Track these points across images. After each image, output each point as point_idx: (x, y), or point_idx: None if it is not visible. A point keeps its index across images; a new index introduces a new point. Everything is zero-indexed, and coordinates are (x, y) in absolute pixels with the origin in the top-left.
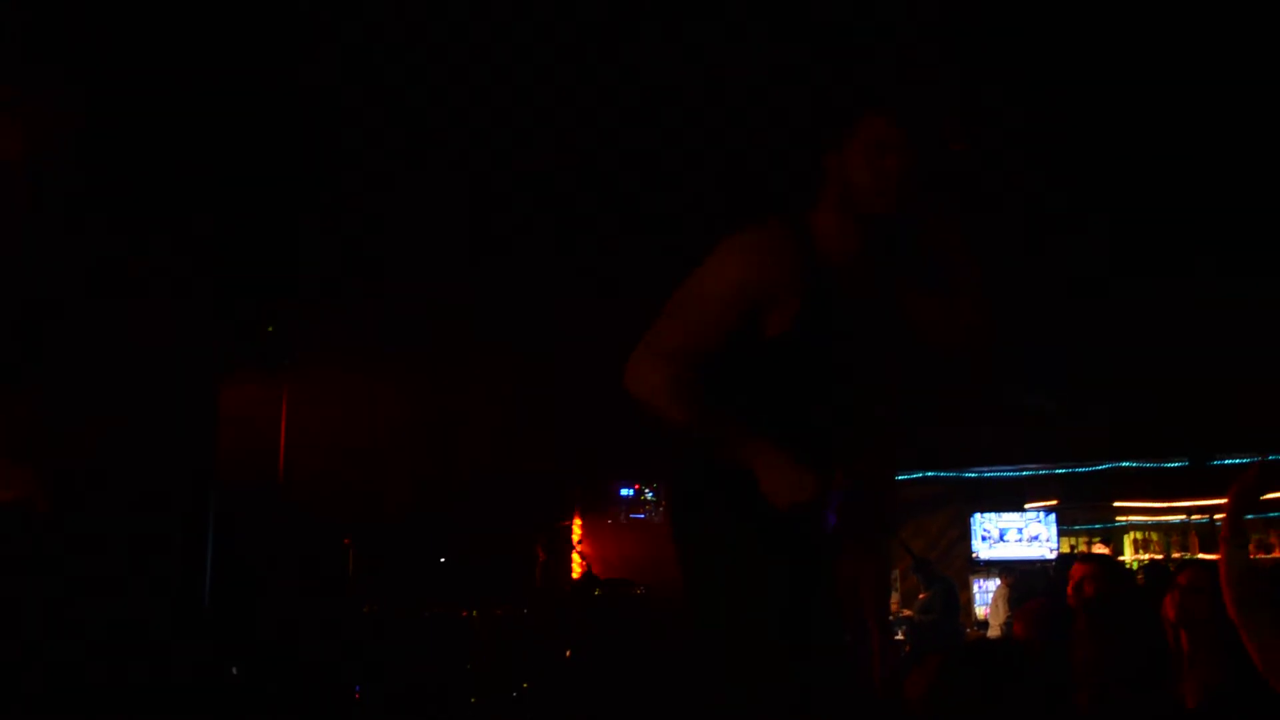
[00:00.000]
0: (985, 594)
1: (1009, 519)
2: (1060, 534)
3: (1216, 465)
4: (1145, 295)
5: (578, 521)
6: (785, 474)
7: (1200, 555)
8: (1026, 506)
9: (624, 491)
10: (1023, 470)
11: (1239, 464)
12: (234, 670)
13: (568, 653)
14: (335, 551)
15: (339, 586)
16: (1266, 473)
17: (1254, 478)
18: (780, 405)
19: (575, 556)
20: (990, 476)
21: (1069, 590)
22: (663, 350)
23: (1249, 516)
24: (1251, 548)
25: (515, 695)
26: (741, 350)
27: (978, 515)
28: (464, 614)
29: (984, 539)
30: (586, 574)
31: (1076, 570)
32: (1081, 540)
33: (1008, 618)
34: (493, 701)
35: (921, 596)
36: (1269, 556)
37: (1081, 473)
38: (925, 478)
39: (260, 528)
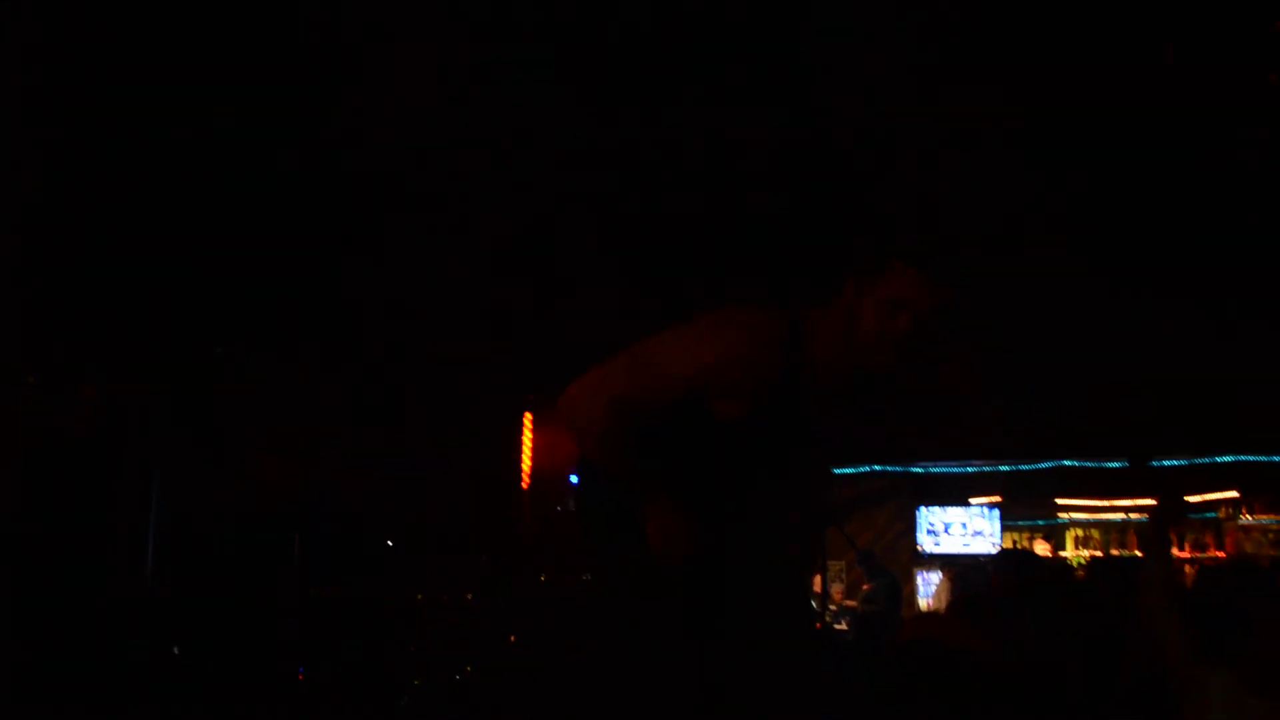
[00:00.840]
0: (929, 586)
1: (953, 514)
2: (1004, 529)
3: (1155, 466)
4: (1090, 302)
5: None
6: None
7: (1138, 553)
8: (971, 501)
9: (573, 479)
10: (968, 466)
11: (1177, 465)
12: (175, 650)
13: (512, 637)
14: (281, 536)
15: (286, 570)
16: (1167, 511)
17: (1162, 513)
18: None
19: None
20: (937, 472)
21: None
22: (612, 392)
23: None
24: (1188, 546)
25: (459, 679)
26: None
27: (923, 509)
28: (412, 598)
29: (929, 533)
30: (533, 560)
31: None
32: (1024, 536)
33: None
34: (436, 685)
35: (865, 588)
36: (1204, 555)
37: (1025, 470)
38: (872, 472)
39: (207, 512)
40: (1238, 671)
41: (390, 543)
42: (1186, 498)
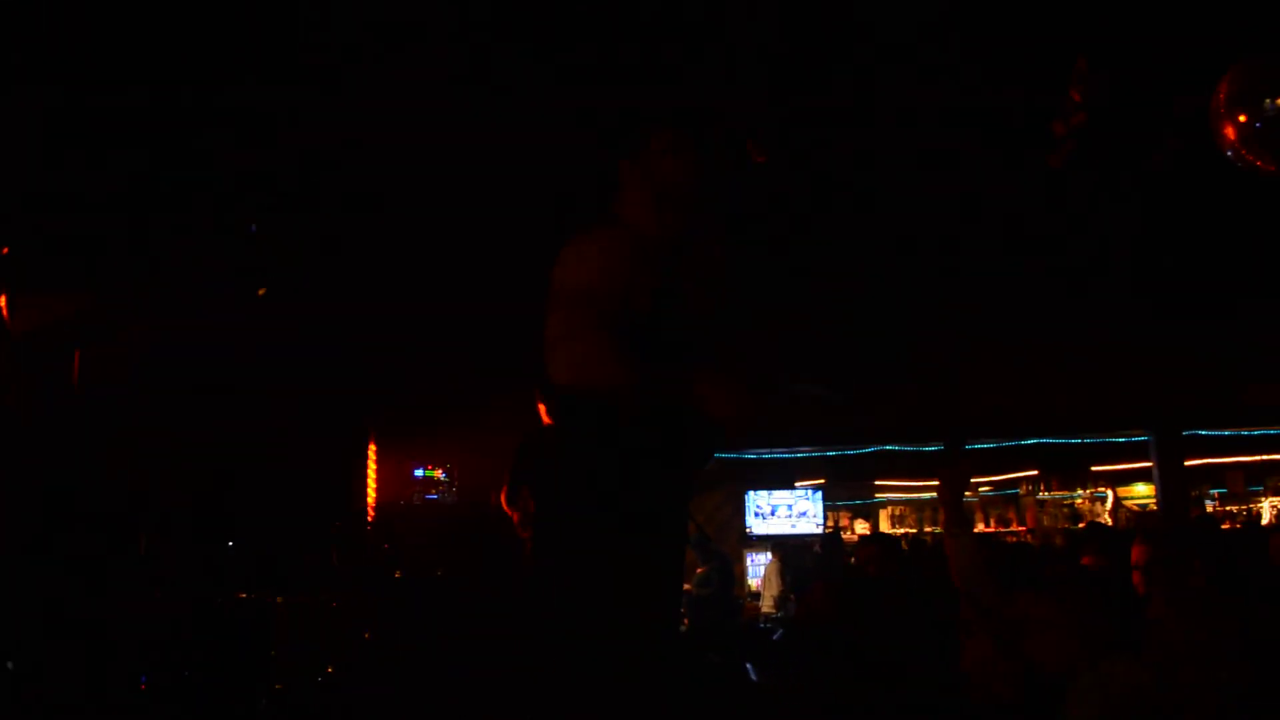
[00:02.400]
0: (758, 567)
1: (780, 496)
2: (825, 509)
3: (969, 448)
4: (909, 299)
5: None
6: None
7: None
8: (796, 485)
9: (417, 472)
10: (796, 452)
11: (988, 447)
12: (7, 665)
13: (366, 634)
14: (128, 539)
15: (132, 575)
16: (953, 478)
17: (947, 485)
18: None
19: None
20: (766, 458)
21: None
22: (586, 327)
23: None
24: (993, 521)
25: (320, 680)
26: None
27: (751, 493)
28: (268, 600)
29: (756, 515)
30: (385, 558)
31: (862, 553)
32: (844, 514)
33: (781, 591)
34: (298, 687)
35: (699, 571)
36: (1007, 530)
37: (849, 455)
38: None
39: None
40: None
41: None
42: (993, 476)
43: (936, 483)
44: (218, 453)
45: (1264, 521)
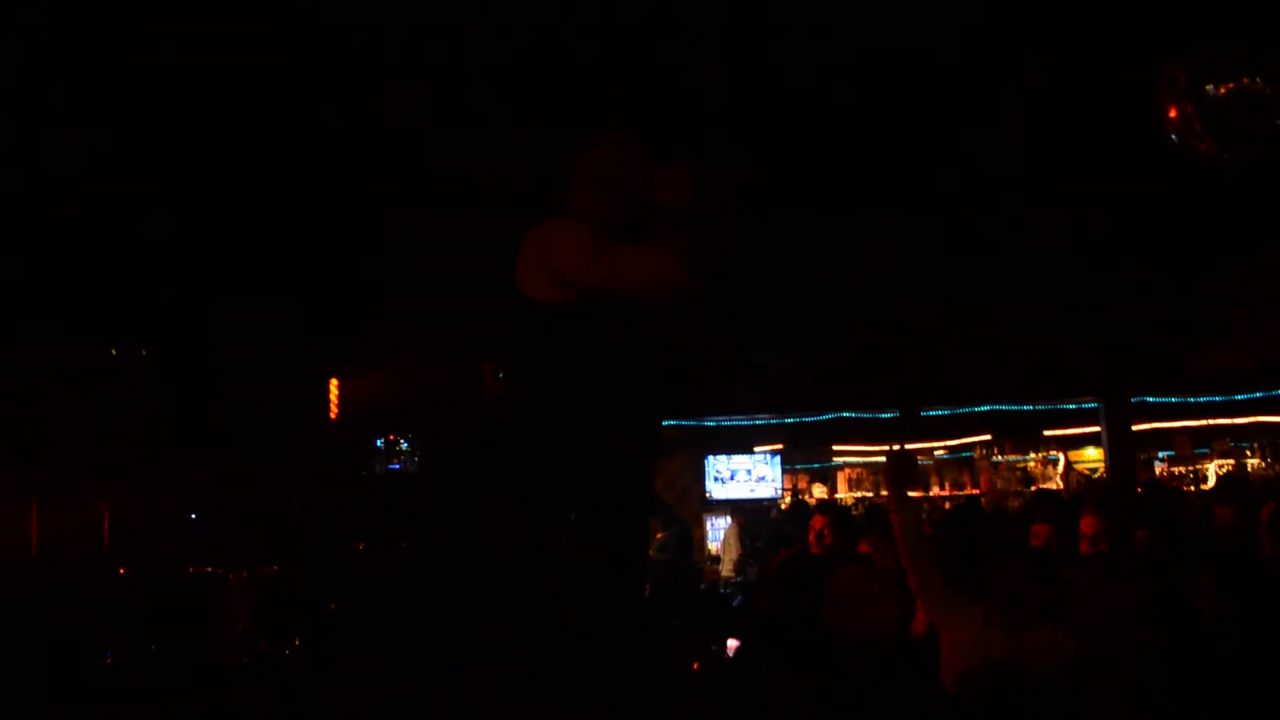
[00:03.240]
0: (717, 531)
1: (739, 461)
2: (784, 473)
3: (923, 416)
4: (862, 272)
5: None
6: None
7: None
8: (755, 449)
9: (378, 442)
10: (755, 419)
11: (941, 414)
12: None
13: (332, 605)
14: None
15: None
16: (900, 460)
17: (893, 465)
18: None
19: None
20: (725, 425)
21: (811, 539)
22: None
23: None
24: (948, 485)
25: (288, 653)
26: None
27: (711, 458)
28: (231, 575)
29: (716, 479)
30: (351, 528)
31: (816, 521)
32: (802, 478)
33: (740, 555)
34: (263, 660)
35: (659, 536)
36: (962, 494)
37: (807, 421)
38: (667, 426)
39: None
40: (980, 606)
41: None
42: (948, 441)
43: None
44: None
45: (1209, 483)
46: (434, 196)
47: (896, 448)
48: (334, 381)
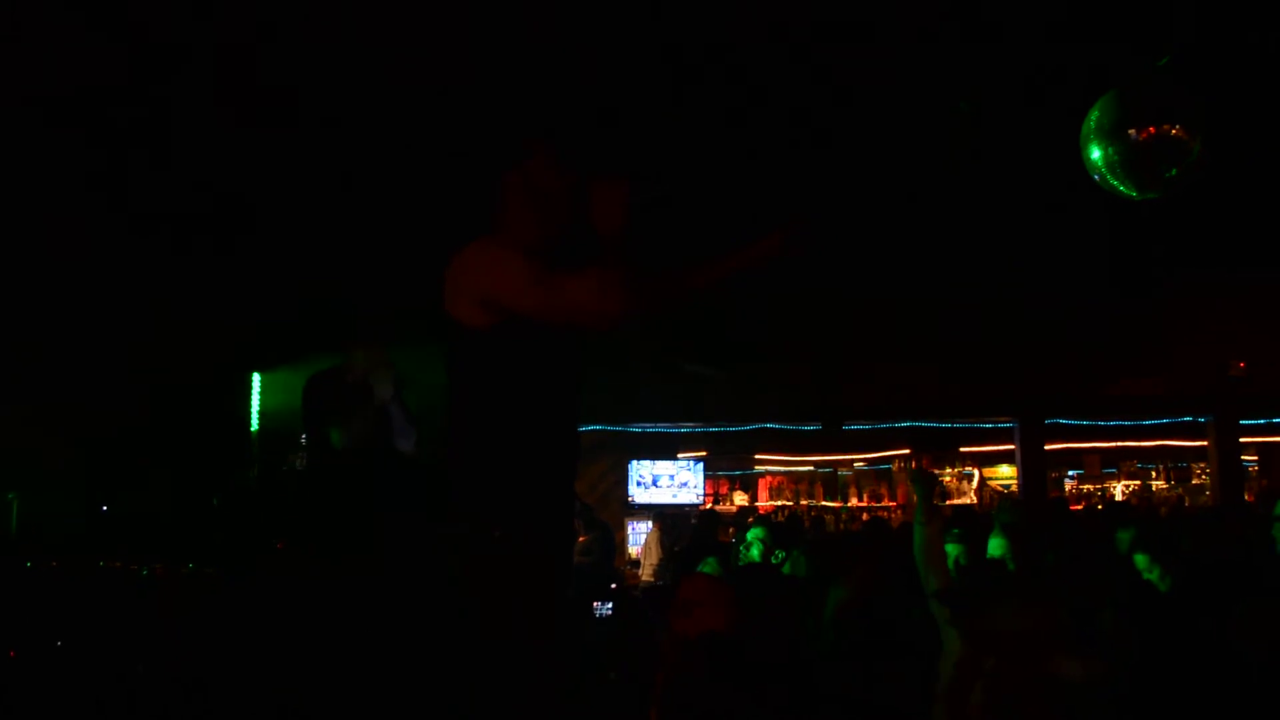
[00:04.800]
0: (639, 535)
1: (663, 466)
2: (706, 479)
3: (845, 429)
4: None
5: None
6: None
7: (824, 501)
8: (679, 455)
9: (301, 438)
10: (680, 427)
11: (863, 428)
12: None
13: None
14: None
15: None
16: (927, 477)
17: (923, 481)
18: None
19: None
20: (650, 431)
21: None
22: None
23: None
24: (866, 496)
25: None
26: None
27: (635, 462)
28: (145, 571)
29: (639, 484)
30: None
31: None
32: (724, 484)
33: (660, 560)
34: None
35: (581, 540)
36: (879, 505)
37: (731, 431)
38: (589, 431)
39: None
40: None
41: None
42: (867, 454)
43: (824, 457)
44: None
45: (1116, 500)
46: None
47: (922, 465)
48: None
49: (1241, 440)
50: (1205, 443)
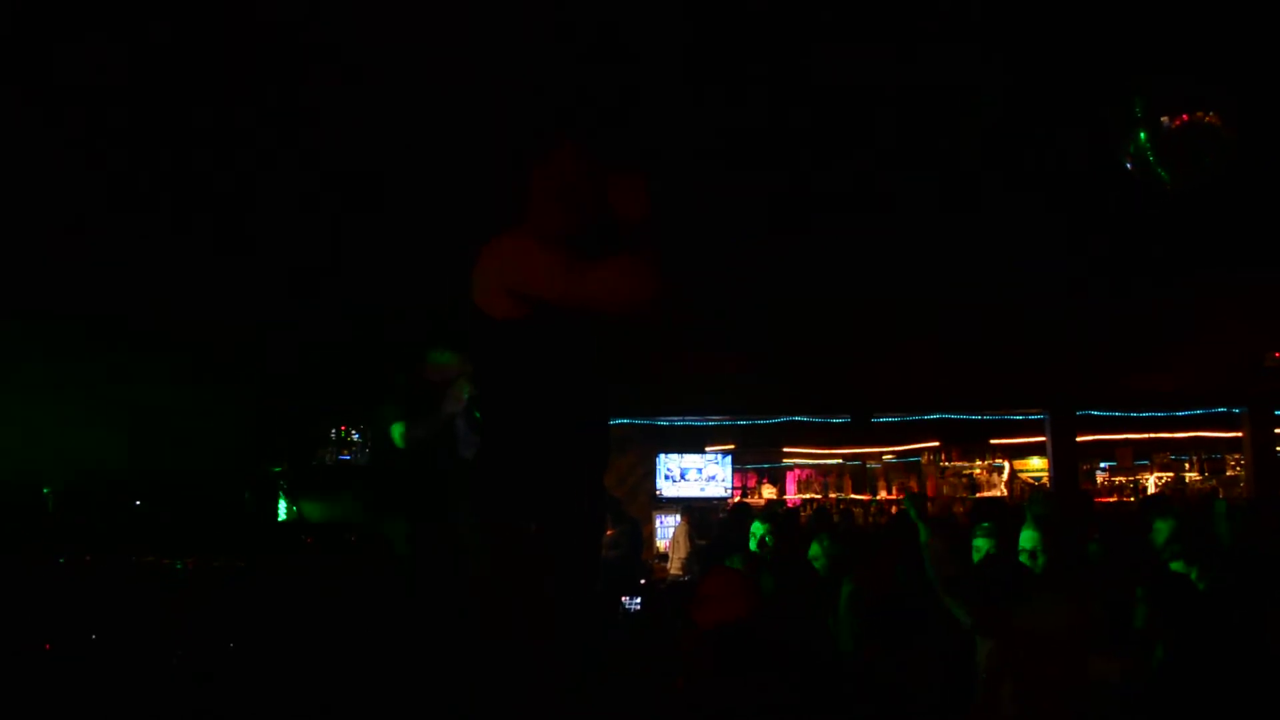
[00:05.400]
0: (667, 529)
1: (690, 460)
2: (734, 472)
3: (874, 422)
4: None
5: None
6: None
7: (852, 494)
8: (707, 449)
9: (331, 433)
10: (708, 420)
11: (892, 421)
12: None
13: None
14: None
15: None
16: (919, 497)
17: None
18: None
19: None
20: (679, 424)
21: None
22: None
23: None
24: (895, 489)
25: (232, 647)
26: None
27: (662, 456)
28: (178, 565)
29: (667, 478)
30: (295, 519)
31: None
32: (752, 477)
33: (689, 553)
34: (210, 655)
35: (609, 533)
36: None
37: (760, 424)
38: (616, 424)
39: None
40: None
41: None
42: (896, 446)
43: (852, 450)
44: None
45: (1149, 493)
46: None
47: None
48: None
49: (1277, 431)
50: (1240, 434)
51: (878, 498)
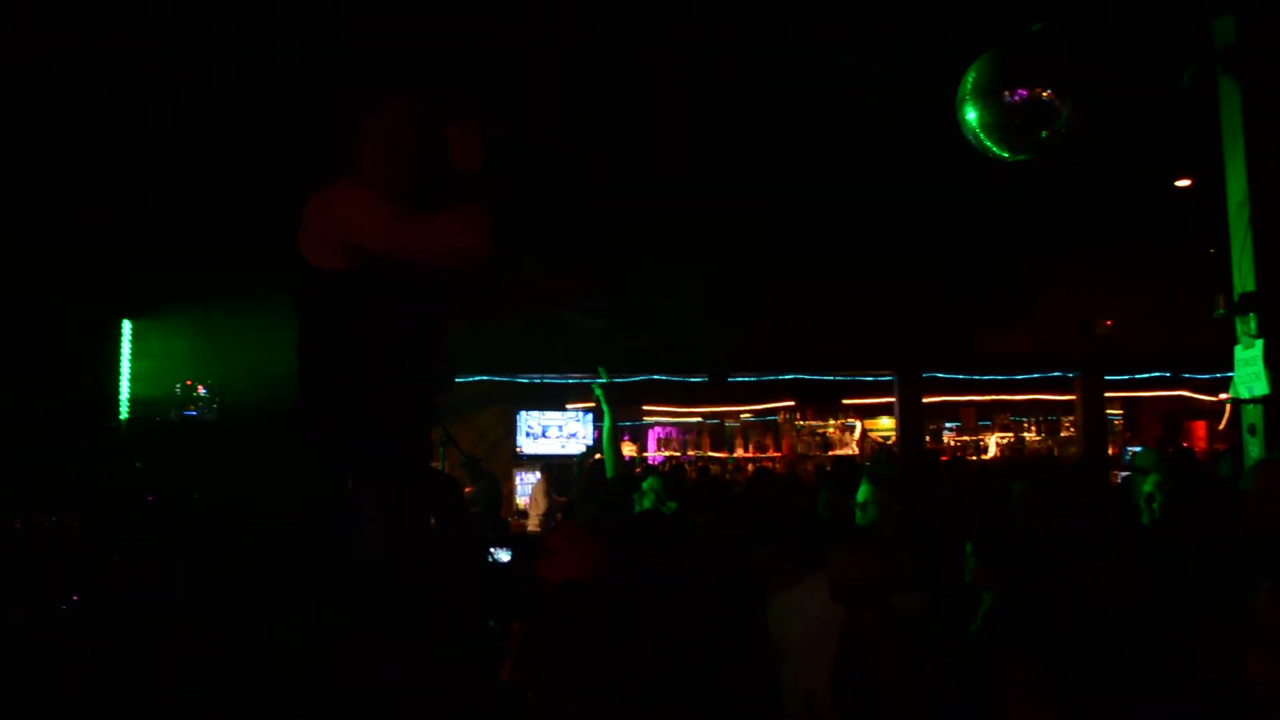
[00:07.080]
0: (526, 486)
1: (551, 417)
2: (594, 429)
3: (731, 381)
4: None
5: None
6: None
7: (710, 452)
8: (568, 406)
9: (176, 387)
10: (568, 377)
11: (748, 380)
12: None
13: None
14: None
15: None
16: None
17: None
18: None
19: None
20: (539, 382)
21: None
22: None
23: None
24: (751, 447)
25: (65, 608)
26: None
27: (523, 413)
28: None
29: (528, 434)
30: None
31: None
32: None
33: (547, 509)
34: (47, 615)
35: (467, 490)
36: (764, 455)
37: (620, 382)
38: (479, 382)
39: None
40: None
41: None
42: (754, 406)
43: (700, 409)
44: None
45: (990, 453)
46: None
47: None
48: None
49: (1107, 395)
50: (1073, 397)
51: (734, 455)
